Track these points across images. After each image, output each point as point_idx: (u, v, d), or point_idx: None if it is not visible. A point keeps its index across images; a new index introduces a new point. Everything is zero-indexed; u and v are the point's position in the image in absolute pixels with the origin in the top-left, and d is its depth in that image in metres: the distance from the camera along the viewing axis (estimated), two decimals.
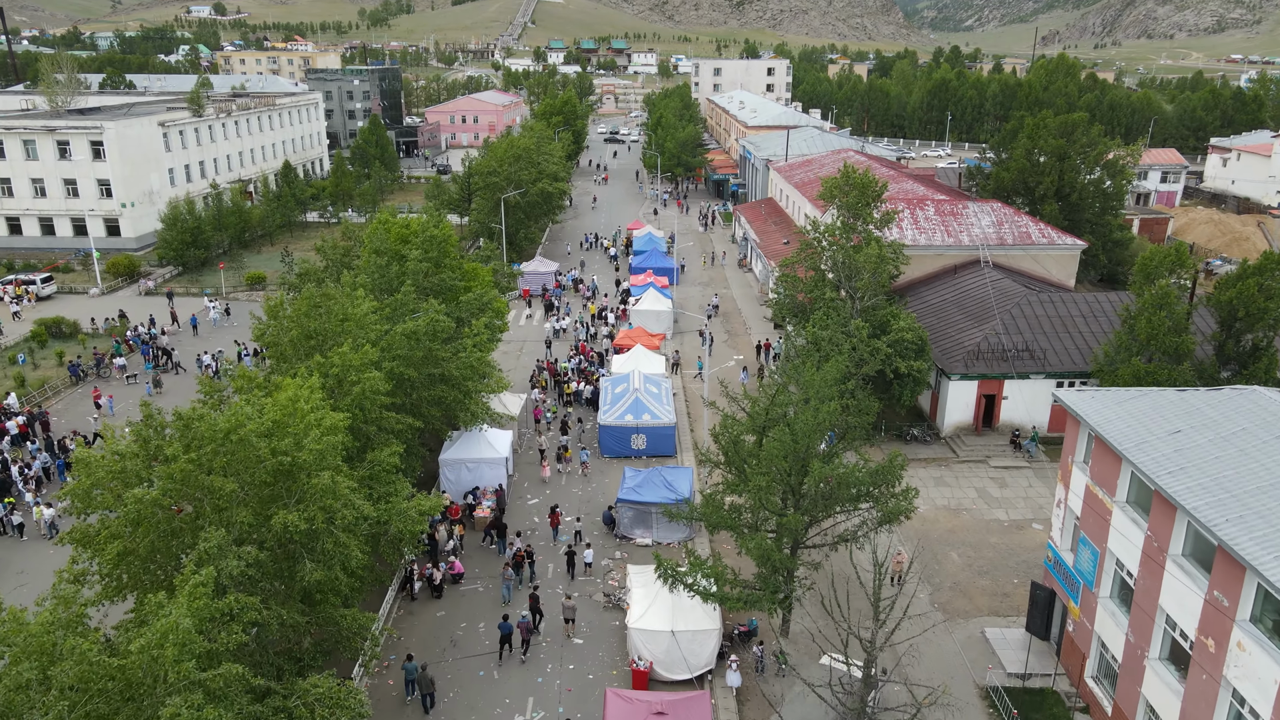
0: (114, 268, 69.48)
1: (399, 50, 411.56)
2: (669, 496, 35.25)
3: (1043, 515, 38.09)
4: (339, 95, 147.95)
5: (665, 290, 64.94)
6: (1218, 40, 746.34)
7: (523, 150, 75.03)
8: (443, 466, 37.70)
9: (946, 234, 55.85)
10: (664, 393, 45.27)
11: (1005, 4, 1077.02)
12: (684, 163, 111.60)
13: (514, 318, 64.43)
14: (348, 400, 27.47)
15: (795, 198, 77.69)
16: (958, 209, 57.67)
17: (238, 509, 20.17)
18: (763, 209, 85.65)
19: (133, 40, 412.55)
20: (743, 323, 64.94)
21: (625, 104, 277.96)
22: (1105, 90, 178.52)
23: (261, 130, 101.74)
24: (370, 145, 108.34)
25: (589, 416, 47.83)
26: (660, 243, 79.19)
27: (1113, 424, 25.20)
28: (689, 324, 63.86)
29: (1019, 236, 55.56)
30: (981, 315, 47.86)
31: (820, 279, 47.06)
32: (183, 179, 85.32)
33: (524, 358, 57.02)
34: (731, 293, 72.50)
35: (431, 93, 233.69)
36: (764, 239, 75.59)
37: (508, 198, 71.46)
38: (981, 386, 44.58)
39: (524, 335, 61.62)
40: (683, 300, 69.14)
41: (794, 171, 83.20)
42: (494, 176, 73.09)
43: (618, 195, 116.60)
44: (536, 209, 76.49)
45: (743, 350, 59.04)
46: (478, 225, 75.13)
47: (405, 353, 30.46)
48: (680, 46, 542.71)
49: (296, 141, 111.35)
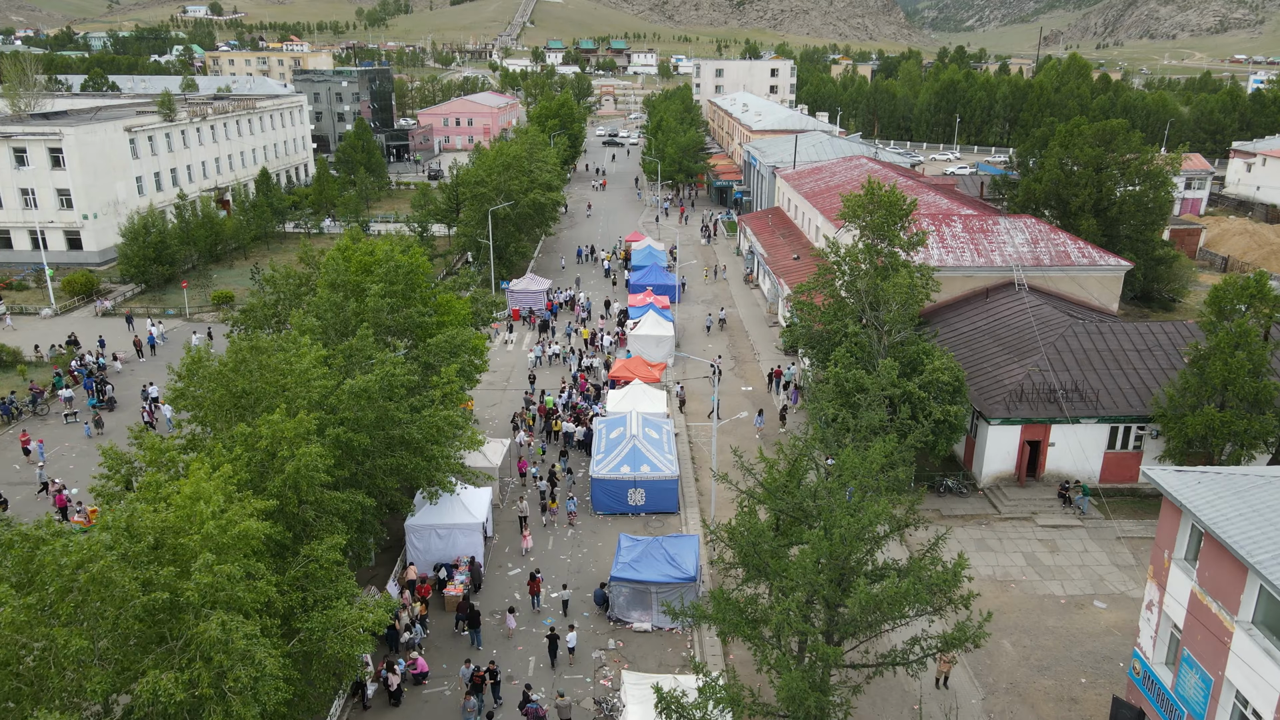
0: (70, 286, 64.27)
1: (395, 50, 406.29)
2: (672, 575, 30.08)
3: (1104, 590, 32.88)
4: (328, 97, 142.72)
5: (666, 312, 59.72)
6: (1220, 40, 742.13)
7: (513, 158, 69.80)
8: (409, 533, 32.49)
9: (976, 253, 50.66)
10: (665, 438, 40.08)
11: (1006, 4, 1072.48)
12: (685, 168, 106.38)
13: (500, 343, 59.22)
14: (279, 480, 22.29)
15: (805, 209, 72.52)
16: (988, 225, 52.47)
17: (91, 670, 14.97)
18: (769, 220, 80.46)
19: (126, 40, 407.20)
20: (750, 346, 59.73)
21: (625, 105, 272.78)
22: (1119, 92, 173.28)
23: (241, 135, 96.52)
24: (356, 150, 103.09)
25: (580, 461, 42.65)
26: (661, 257, 73.99)
27: (1232, 522, 19.99)
28: (691, 347, 58.62)
29: (1056, 256, 50.37)
30: (1021, 348, 42.66)
31: (840, 306, 41.91)
32: (152, 187, 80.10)
33: (510, 390, 51.79)
34: (737, 312, 67.27)
35: (427, 94, 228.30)
36: (772, 253, 70.38)
37: (496, 210, 66.24)
38: (1025, 432, 39.37)
39: (512, 361, 56.40)
40: (685, 321, 63.90)
41: (803, 180, 78.02)
42: (482, 187, 67.89)
43: (616, 202, 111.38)
44: (528, 221, 71.31)
45: (752, 380, 53.82)
46: (464, 239, 69.93)
47: (354, 415, 25.25)
48: (680, 47, 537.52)
49: (279, 146, 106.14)
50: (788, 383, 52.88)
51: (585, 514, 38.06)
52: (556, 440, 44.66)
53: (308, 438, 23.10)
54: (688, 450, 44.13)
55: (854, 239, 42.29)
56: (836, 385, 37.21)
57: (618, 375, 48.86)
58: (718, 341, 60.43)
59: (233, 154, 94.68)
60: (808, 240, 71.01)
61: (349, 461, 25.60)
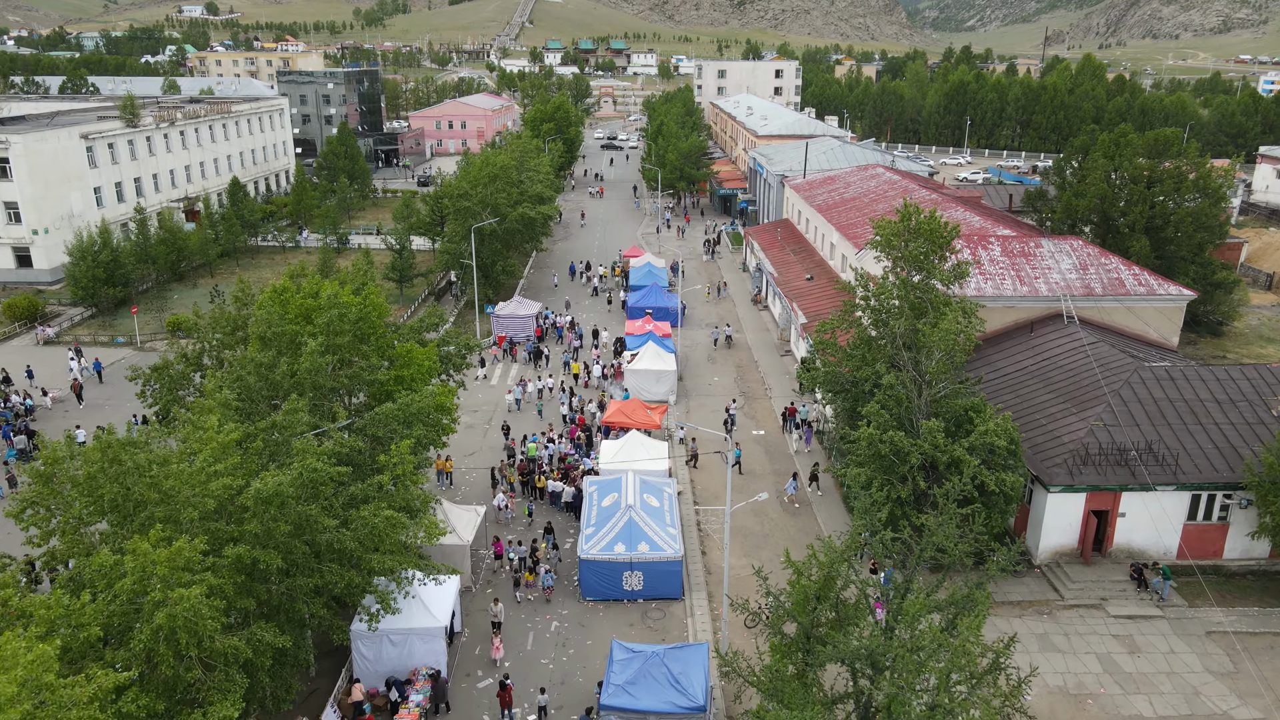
0: (11, 310, 58.42)
1: (391, 51, 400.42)
2: (677, 704, 24.26)
3: (1203, 709, 27.00)
4: (315, 100, 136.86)
5: (667, 341, 53.83)
6: (1224, 40, 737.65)
7: (500, 169, 63.90)
8: (355, 640, 26.58)
9: (1019, 281, 44.78)
10: (667, 505, 34.22)
11: (1007, 4, 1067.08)
12: (687, 176, 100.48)
13: (483, 379, 53.33)
14: (148, 631, 16.46)
15: (818, 223, 66.66)
16: (1030, 248, 46.59)
17: None
18: (778, 233, 74.58)
19: (119, 40, 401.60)
20: (759, 379, 53.84)
21: (624, 106, 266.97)
22: (1135, 94, 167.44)
23: (215, 140, 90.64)
24: (338, 156, 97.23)
25: (569, 526, 36.81)
26: (661, 275, 68.11)
27: None
28: (695, 379, 52.79)
29: (1109, 284, 44.48)
30: (1079, 395, 36.78)
31: (868, 346, 36.11)
32: (113, 199, 74.23)
33: (492, 433, 45.91)
34: (745, 337, 61.38)
35: (421, 95, 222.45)
36: (782, 272, 64.52)
37: (480, 228, 60.40)
38: (1090, 500, 33.51)
39: (495, 398, 50.48)
40: (687, 350, 57.97)
41: (815, 191, 72.16)
42: (465, 200, 62.04)
43: (613, 211, 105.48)
44: (517, 237, 65.42)
45: (764, 420, 47.92)
46: (448, 256, 64.10)
47: (263, 528, 19.38)
48: (681, 47, 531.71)
49: (257, 152, 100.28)
50: (802, 421, 47.19)
51: (572, 598, 32.19)
52: (543, 498, 38.82)
53: (190, 571, 17.21)
54: (692, 513, 38.26)
55: (885, 269, 36.50)
56: (871, 448, 31.43)
57: (613, 420, 42.99)
58: (724, 372, 54.55)
59: (205, 161, 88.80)
60: (821, 258, 65.20)
61: (257, 586, 19.73)
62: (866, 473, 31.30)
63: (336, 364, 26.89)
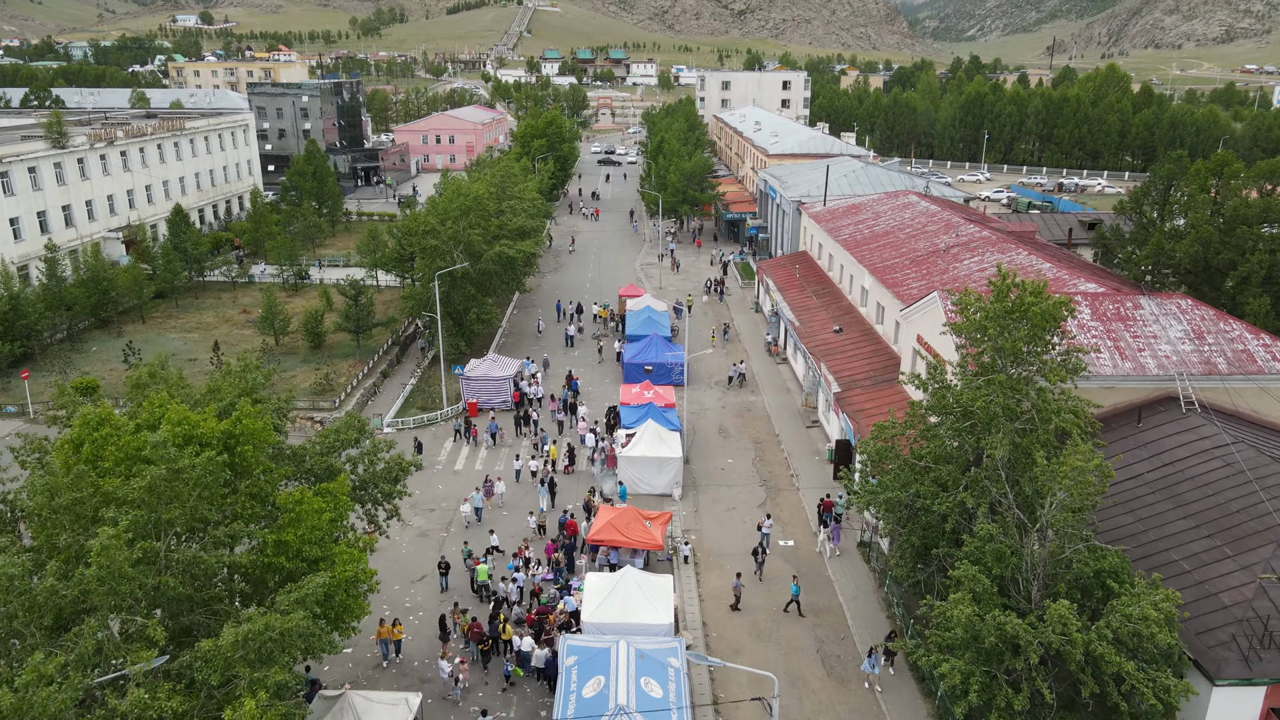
0: None
1: (385, 61, 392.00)
2: None
3: None
4: (294, 113, 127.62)
5: (670, 414, 44.23)
6: (1227, 50, 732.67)
7: (474, 200, 54.39)
8: None
9: (1118, 353, 35.20)
10: (674, 694, 24.55)
11: (1007, 14, 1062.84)
12: (690, 199, 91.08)
13: (446, 459, 43.68)
14: None
15: (844, 261, 57.25)
16: (1127, 309, 37.07)
17: None
18: (796, 269, 65.12)
19: (107, 50, 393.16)
20: (783, 460, 44.22)
21: (623, 118, 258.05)
22: (1163, 106, 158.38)
23: (164, 161, 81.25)
24: (305, 177, 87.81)
25: (541, 700, 27.20)
26: (663, 321, 58.63)
27: None
28: (705, 460, 43.21)
29: (1235, 358, 34.94)
30: (1231, 527, 27.16)
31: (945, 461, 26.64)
32: (33, 231, 64.74)
33: (453, 537, 36.27)
34: (763, 401, 51.76)
35: (412, 107, 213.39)
36: (804, 320, 54.99)
37: (446, 273, 50.91)
38: (1270, 695, 23.90)
39: (460, 490, 40.79)
40: (694, 416, 48.32)
41: (839, 223, 62.78)
42: (432, 238, 52.58)
43: (609, 235, 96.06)
44: (494, 280, 55.93)
45: (792, 522, 38.27)
46: (413, 303, 54.60)
47: None
48: (681, 56, 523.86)
49: (217, 173, 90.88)
50: (838, 515, 37.81)
51: None
52: (509, 654, 29.09)
53: None
54: (706, 680, 28.57)
55: (963, 353, 26.99)
56: (967, 631, 21.85)
57: (602, 538, 33.37)
58: (739, 449, 44.88)
59: (152, 184, 79.34)
60: (850, 303, 55.74)
61: None
62: (961, 667, 21.78)
63: (168, 546, 17.31)
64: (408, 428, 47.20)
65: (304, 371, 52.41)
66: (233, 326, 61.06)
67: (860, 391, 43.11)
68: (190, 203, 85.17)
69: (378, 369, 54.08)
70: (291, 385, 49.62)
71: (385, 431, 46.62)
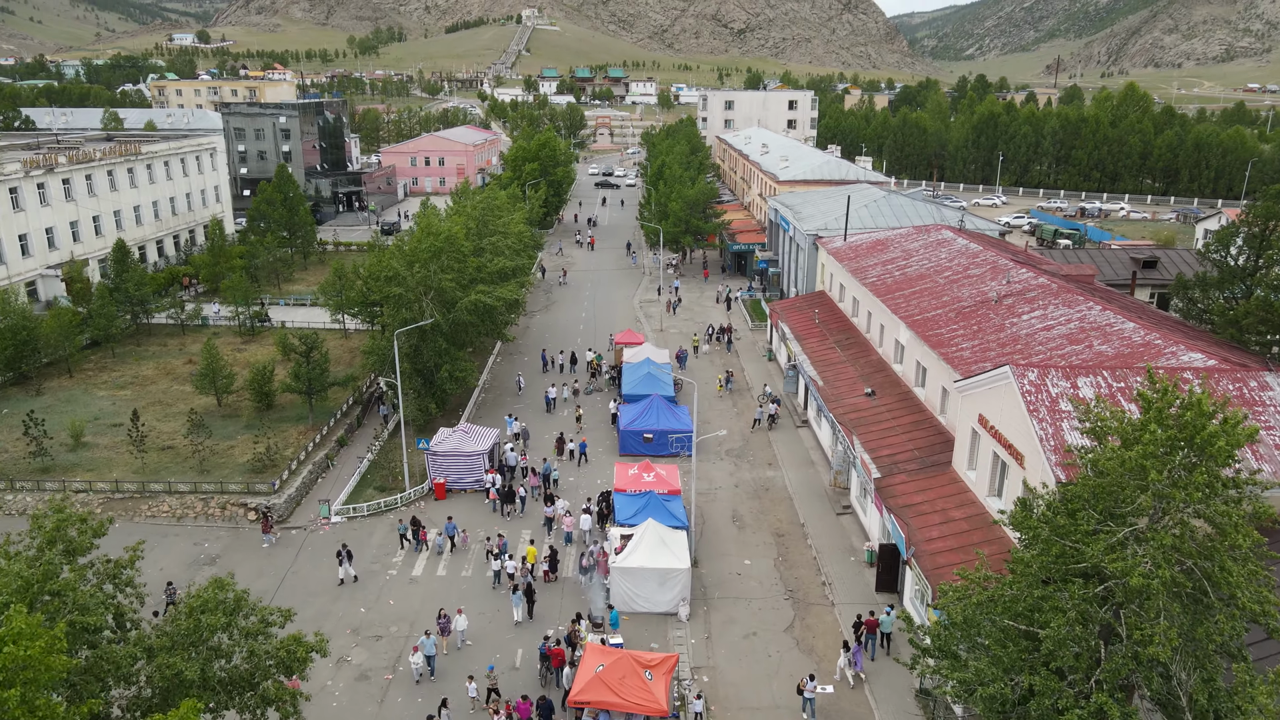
0: None
1: (381, 80, 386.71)
2: None
3: None
4: (274, 135, 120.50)
5: (675, 505, 36.51)
6: (1227, 69, 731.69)
7: (446, 241, 46.83)
8: None
9: (1250, 452, 27.62)
10: None
11: (1006, 33, 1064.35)
12: (694, 229, 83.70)
13: (401, 562, 35.84)
14: None
15: (873, 308, 49.77)
16: (1253, 391, 29.52)
17: None
18: (816, 314, 57.58)
19: (99, 69, 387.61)
20: (811, 559, 36.50)
21: (621, 139, 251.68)
22: (1186, 127, 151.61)
23: (116, 189, 73.93)
24: (273, 206, 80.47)
25: None
26: (665, 376, 51.07)
27: None
28: (716, 561, 35.46)
29: None
30: None
31: (1061, 638, 18.82)
32: None
33: (396, 692, 28.46)
34: (782, 476, 44.01)
35: (404, 127, 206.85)
36: (829, 380, 47.37)
37: (415, 328, 43.37)
38: None
39: (422, 604, 33.05)
40: (704, 502, 40.59)
41: (864, 261, 55.35)
42: (396, 285, 45.08)
43: (605, 268, 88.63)
44: (468, 332, 48.38)
45: (826, 650, 30.44)
46: (376, 357, 47.00)
47: None
48: (681, 75, 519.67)
49: (179, 201, 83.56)
50: (888, 635, 30.27)
51: None
52: None
53: None
54: None
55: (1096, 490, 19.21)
56: None
57: (587, 698, 25.59)
58: (758, 546, 37.15)
59: (101, 215, 71.99)
60: (880, 357, 48.19)
61: None
62: None
63: None
64: (360, 515, 39.47)
65: (244, 441, 44.71)
66: (174, 381, 53.44)
67: (906, 479, 35.42)
68: (146, 234, 77.84)
69: (333, 435, 46.42)
70: (228, 460, 41.94)
71: (334, 521, 38.90)
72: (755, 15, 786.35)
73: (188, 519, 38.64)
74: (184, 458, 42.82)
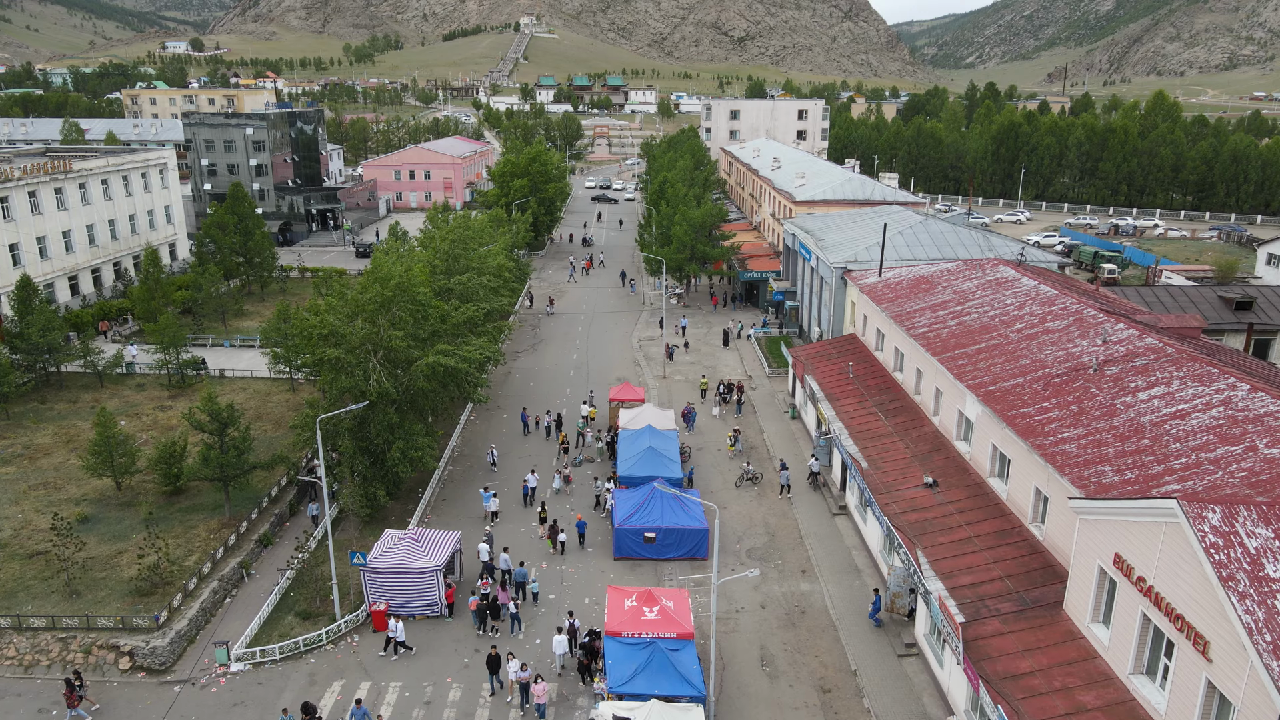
0: None
1: (374, 88, 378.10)
2: None
3: None
4: (245, 147, 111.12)
5: (684, 655, 27.06)
6: (1230, 77, 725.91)
7: (398, 288, 37.41)
8: None
9: None
10: None
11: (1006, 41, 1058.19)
12: (700, 255, 74.35)
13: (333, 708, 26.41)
14: None
15: (922, 363, 40.42)
16: None
17: None
18: (849, 367, 48.18)
19: (87, 77, 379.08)
20: (854, 690, 27.01)
21: (620, 149, 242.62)
22: (1222, 138, 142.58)
23: (41, 212, 64.65)
24: (224, 230, 71.09)
25: None
26: (669, 448, 41.64)
27: None
28: None
29: None
30: None
31: None
32: None
33: None
34: (820, 589, 34.51)
35: (393, 138, 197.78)
36: (872, 456, 37.99)
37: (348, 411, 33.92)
38: None
39: None
40: (725, 630, 31.07)
41: (907, 305, 45.97)
42: (333, 347, 35.69)
43: (601, 297, 79.19)
44: (429, 399, 38.97)
45: None
46: (309, 434, 37.51)
47: None
48: (681, 83, 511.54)
49: (121, 223, 74.23)
50: None
51: None
52: None
53: None
54: None
55: None
56: None
57: None
58: (799, 712, 27.67)
59: (20, 241, 62.64)
60: (935, 429, 38.78)
61: None
62: None
63: None
64: (271, 659, 29.92)
65: (138, 543, 35.14)
66: (73, 451, 43.93)
67: (1002, 629, 25.97)
68: (79, 262, 68.54)
69: (254, 532, 36.94)
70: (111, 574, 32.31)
71: (235, 670, 29.38)
72: (755, 23, 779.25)
73: (38, 668, 29.12)
74: (56, 570, 33.35)
